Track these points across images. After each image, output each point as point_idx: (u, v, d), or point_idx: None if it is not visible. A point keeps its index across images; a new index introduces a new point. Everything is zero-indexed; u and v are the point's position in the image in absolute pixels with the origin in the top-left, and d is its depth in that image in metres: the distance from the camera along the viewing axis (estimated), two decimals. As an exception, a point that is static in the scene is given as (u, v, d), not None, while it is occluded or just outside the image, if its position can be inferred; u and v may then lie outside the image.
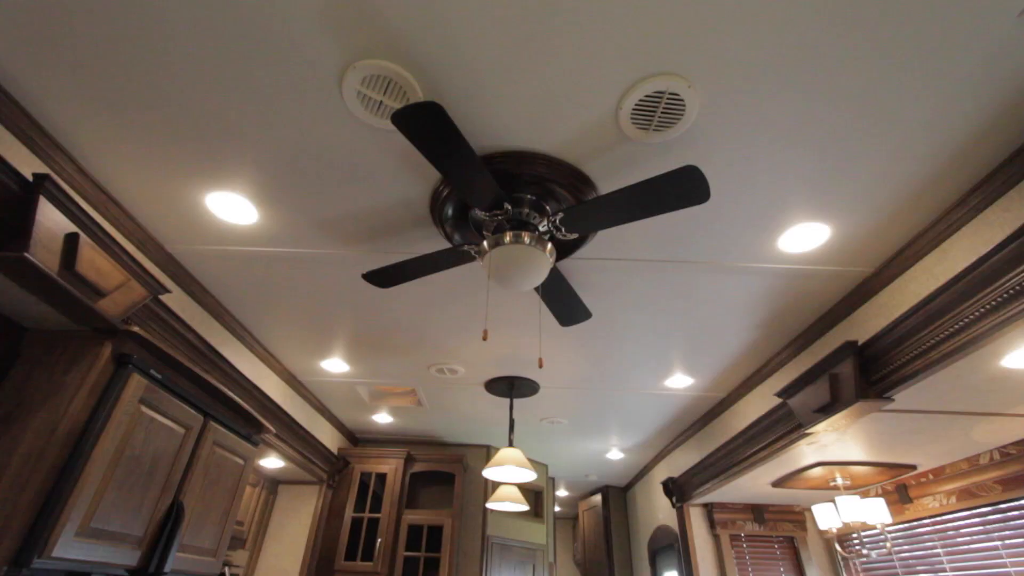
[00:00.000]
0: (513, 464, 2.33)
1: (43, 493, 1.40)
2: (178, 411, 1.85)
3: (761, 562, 3.63)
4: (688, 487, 3.72)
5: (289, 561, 3.43)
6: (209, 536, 2.08)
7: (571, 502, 6.97)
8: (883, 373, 1.86)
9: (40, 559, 1.35)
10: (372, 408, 3.68)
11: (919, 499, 2.89)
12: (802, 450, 2.56)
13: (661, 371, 2.88)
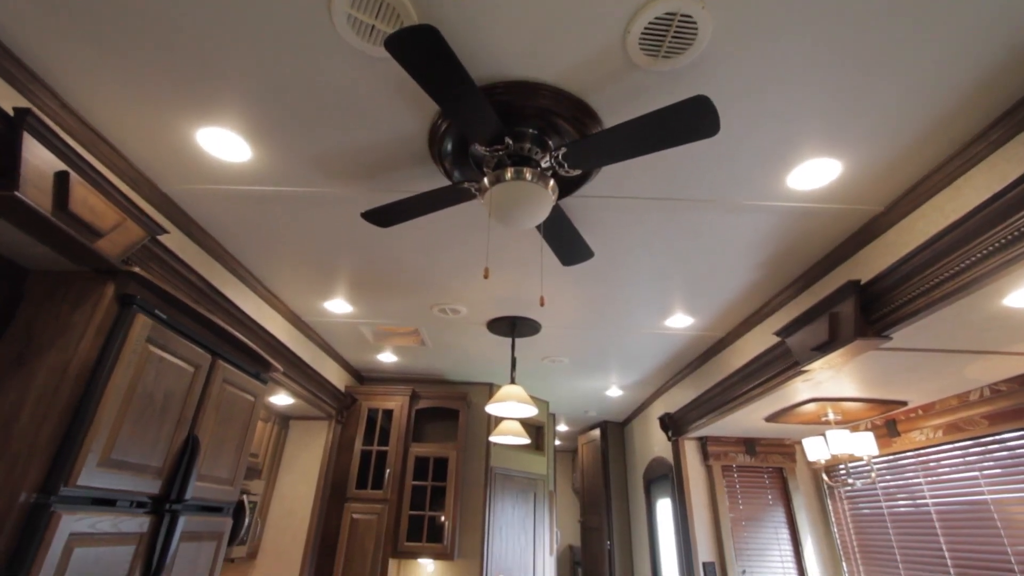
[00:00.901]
0: (515, 400, 2.40)
1: (62, 427, 1.45)
2: (186, 350, 1.89)
3: (750, 491, 3.82)
4: (684, 422, 3.86)
5: (304, 490, 3.62)
6: (225, 467, 2.18)
7: (571, 436, 7.27)
8: (883, 312, 1.86)
9: (67, 487, 1.42)
10: (376, 348, 3.76)
11: (907, 433, 3.00)
12: (797, 387, 2.63)
13: (662, 311, 2.91)
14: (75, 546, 1.44)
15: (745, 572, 3.57)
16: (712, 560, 3.61)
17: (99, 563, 1.52)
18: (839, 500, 3.65)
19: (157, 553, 1.75)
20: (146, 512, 1.72)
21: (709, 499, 3.79)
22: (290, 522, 3.52)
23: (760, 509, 3.77)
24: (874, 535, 3.28)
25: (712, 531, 3.69)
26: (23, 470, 1.37)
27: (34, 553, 1.33)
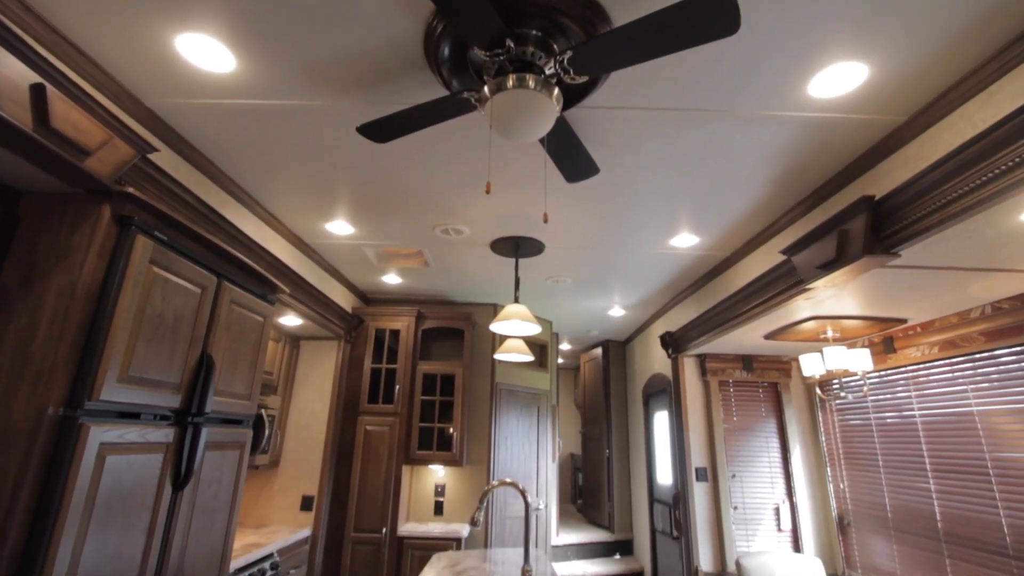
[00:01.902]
0: (518, 319, 2.44)
1: (78, 346, 1.49)
2: (190, 272, 1.89)
3: (745, 404, 3.99)
4: (684, 340, 3.95)
5: (318, 405, 3.81)
6: (241, 383, 2.27)
7: (573, 354, 7.51)
8: (894, 229, 1.82)
9: (91, 402, 1.49)
10: (381, 269, 3.77)
11: (903, 350, 3.06)
12: (798, 305, 2.65)
13: (667, 230, 2.87)
14: (107, 454, 1.53)
15: (735, 476, 3.82)
16: (704, 466, 3.86)
17: (131, 469, 1.63)
18: (829, 412, 3.81)
19: (184, 460, 1.87)
20: (170, 424, 1.81)
21: (705, 411, 3.97)
22: (307, 433, 3.74)
23: (753, 421, 3.96)
24: (859, 444, 3.47)
25: (706, 440, 3.91)
26: (47, 386, 1.43)
27: (70, 460, 1.42)
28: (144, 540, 1.69)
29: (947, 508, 2.74)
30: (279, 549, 3.03)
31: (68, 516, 1.40)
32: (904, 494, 3.05)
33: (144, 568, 1.69)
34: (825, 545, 3.70)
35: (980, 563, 2.53)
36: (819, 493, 3.80)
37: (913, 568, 2.96)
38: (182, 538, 1.89)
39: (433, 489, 4.17)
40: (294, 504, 3.59)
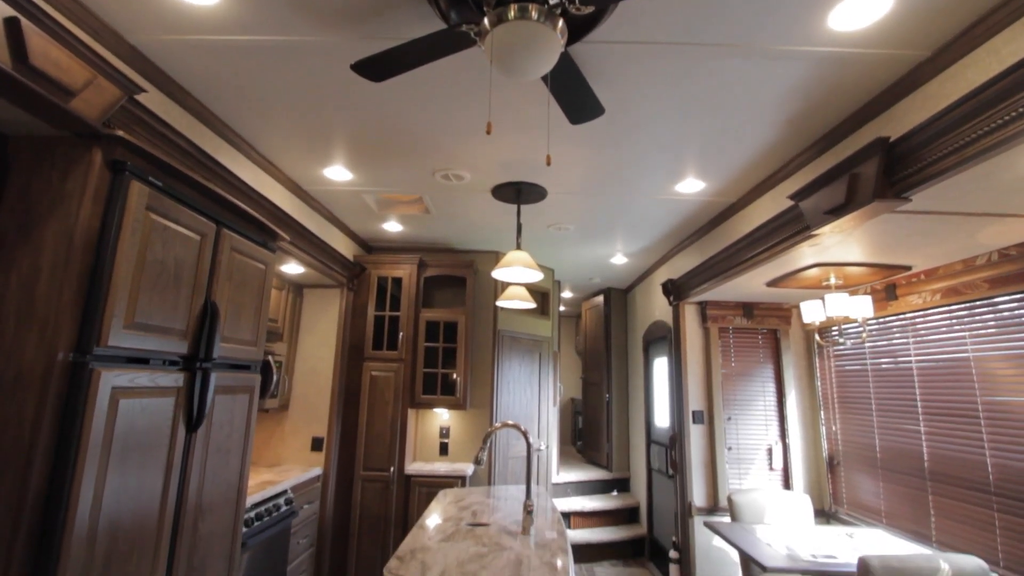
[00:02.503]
0: (520, 265, 2.43)
1: (81, 292, 1.49)
2: (189, 219, 1.87)
3: (743, 350, 4.05)
4: (686, 287, 3.96)
5: (324, 352, 3.88)
6: (247, 330, 2.30)
7: (575, 302, 7.56)
8: (907, 172, 1.77)
9: (99, 347, 1.51)
10: (381, 217, 3.73)
11: (904, 297, 3.06)
12: (803, 252, 2.62)
13: (673, 175, 2.80)
14: (120, 397, 1.57)
15: (730, 419, 3.94)
16: (701, 409, 3.96)
17: (145, 412, 1.68)
18: (826, 358, 3.87)
19: (196, 404, 1.92)
20: (179, 369, 1.85)
21: (704, 357, 4.04)
22: (314, 378, 3.83)
23: (751, 366, 4.03)
24: (854, 388, 3.54)
25: (704, 385, 4.00)
26: (54, 332, 1.44)
27: (84, 403, 1.45)
28: (162, 478, 1.77)
29: (935, 449, 2.83)
30: (292, 486, 3.18)
31: (87, 455, 1.45)
32: (894, 436, 3.14)
33: (164, 503, 1.78)
34: (814, 483, 3.86)
35: (961, 499, 2.65)
36: (811, 435, 3.93)
37: (897, 504, 3.10)
38: (199, 476, 1.97)
39: (438, 431, 4.32)
40: (305, 445, 3.73)
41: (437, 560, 1.90)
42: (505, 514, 2.63)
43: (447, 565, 1.85)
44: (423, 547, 2.05)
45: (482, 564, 1.87)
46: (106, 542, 1.53)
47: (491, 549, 2.05)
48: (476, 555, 1.97)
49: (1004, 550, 2.41)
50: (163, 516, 1.78)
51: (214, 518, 2.09)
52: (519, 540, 2.19)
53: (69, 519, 1.40)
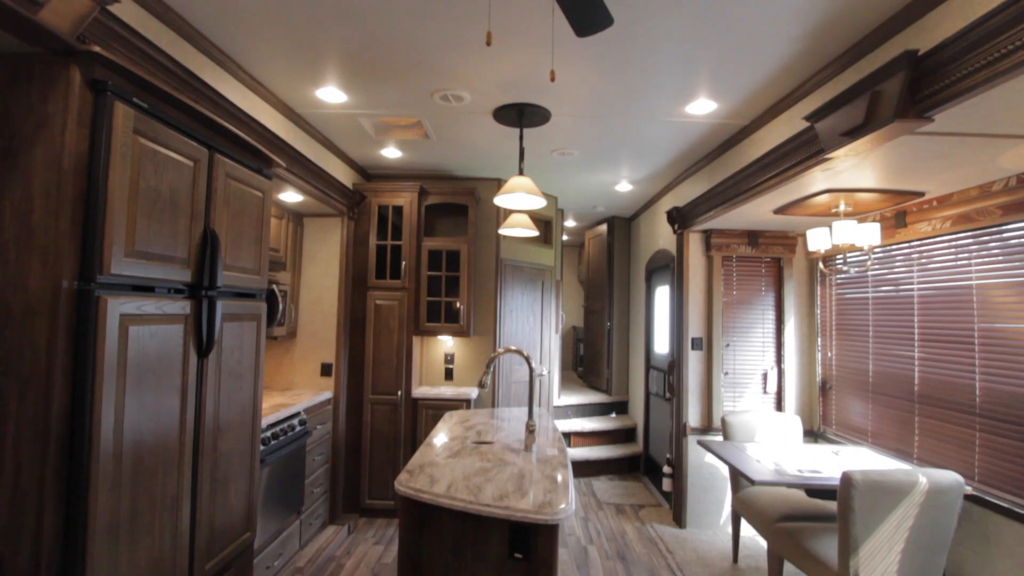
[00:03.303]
0: (523, 191, 2.37)
1: (78, 221, 1.47)
2: (179, 143, 1.81)
3: (746, 278, 4.06)
4: (691, 215, 3.89)
5: (328, 281, 3.90)
6: (248, 258, 2.30)
7: (578, 231, 7.49)
8: (933, 89, 1.67)
9: (103, 275, 1.52)
10: (379, 142, 3.60)
11: (914, 224, 3.01)
12: (814, 177, 2.54)
13: (684, 94, 2.66)
14: (129, 324, 1.60)
15: (728, 345, 4.03)
16: (701, 336, 4.04)
17: (155, 338, 1.72)
18: (828, 287, 3.88)
19: (205, 330, 1.96)
20: (185, 297, 1.87)
21: (706, 285, 4.05)
22: (320, 307, 3.89)
23: (752, 294, 4.06)
24: (853, 315, 3.58)
25: (704, 312, 4.05)
26: (56, 260, 1.44)
27: (94, 330, 1.48)
28: (179, 400, 1.84)
29: (926, 374, 2.91)
30: (305, 408, 3.32)
31: (104, 379, 1.50)
32: (887, 361, 3.22)
33: (183, 424, 1.87)
34: (805, 405, 4.01)
35: (946, 420, 2.76)
36: (807, 360, 4.03)
37: (883, 425, 3.24)
38: (214, 398, 2.06)
39: (443, 357, 4.44)
40: (314, 370, 3.86)
41: (444, 474, 2.02)
42: (508, 433, 2.77)
43: (454, 478, 1.97)
44: (431, 463, 2.18)
45: (487, 477, 1.99)
46: (132, 458, 1.62)
47: (495, 464, 2.17)
48: (481, 469, 2.09)
49: (981, 466, 2.54)
50: (183, 435, 1.87)
51: (232, 437, 2.20)
52: (522, 456, 2.31)
53: (94, 437, 1.48)
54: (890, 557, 2.24)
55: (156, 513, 1.75)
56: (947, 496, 2.20)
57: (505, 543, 1.80)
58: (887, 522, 2.22)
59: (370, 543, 3.59)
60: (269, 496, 2.81)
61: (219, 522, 2.12)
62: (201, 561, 2.00)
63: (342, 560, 3.34)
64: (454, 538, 1.87)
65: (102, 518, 1.51)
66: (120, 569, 1.59)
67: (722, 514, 3.97)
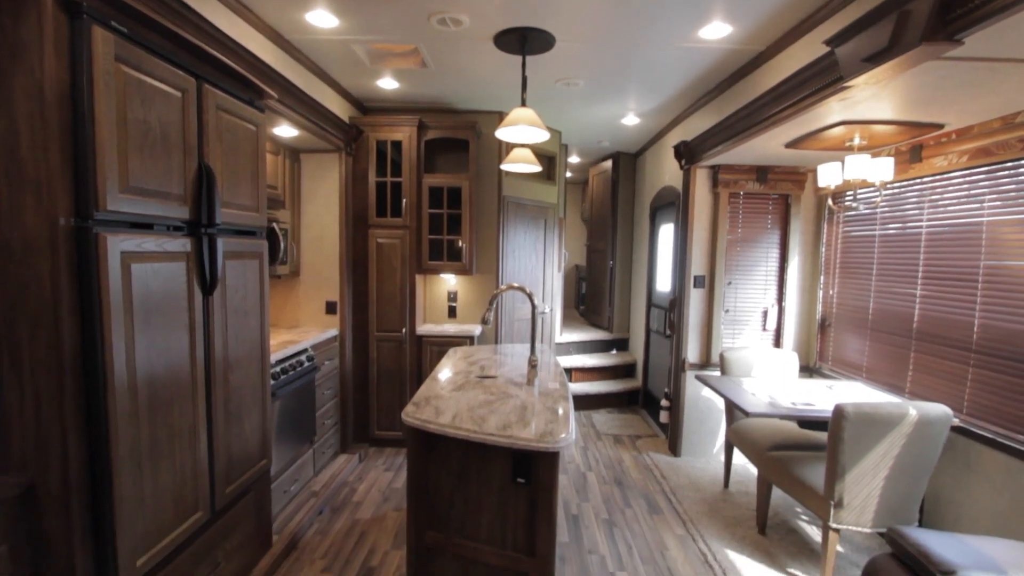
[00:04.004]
0: (526, 123, 2.28)
1: (67, 155, 1.43)
2: (165, 72, 1.72)
3: (752, 215, 3.99)
4: (699, 150, 3.77)
5: (328, 219, 3.86)
6: (246, 195, 2.26)
7: (582, 167, 7.31)
8: (966, 8, 1.55)
9: (99, 212, 1.50)
10: (375, 72, 3.44)
11: (929, 159, 2.91)
12: (830, 108, 2.43)
13: (697, 17, 2.49)
14: (130, 262, 1.60)
15: (731, 283, 4.03)
16: (703, 274, 4.04)
17: (158, 276, 1.72)
18: (835, 224, 3.83)
19: (207, 268, 1.96)
20: (184, 235, 1.85)
21: (711, 223, 4.00)
22: (321, 245, 3.87)
23: (757, 232, 4.01)
24: (858, 254, 3.55)
25: (708, 250, 4.02)
26: (50, 196, 1.41)
27: (96, 267, 1.48)
28: (187, 337, 1.88)
29: (926, 311, 2.93)
30: (312, 345, 3.39)
31: (112, 316, 1.52)
32: (889, 299, 3.23)
33: (194, 360, 1.91)
34: (803, 342, 4.08)
35: (940, 356, 2.80)
36: (808, 298, 4.04)
37: (879, 361, 3.30)
38: (222, 335, 2.09)
39: (446, 295, 4.48)
40: (319, 308, 3.91)
41: (449, 406, 2.09)
42: (511, 368, 2.84)
43: (459, 410, 2.04)
44: (436, 395, 2.25)
45: (490, 409, 2.06)
46: (147, 392, 1.68)
47: (498, 397, 2.24)
48: (485, 402, 2.17)
49: (970, 400, 2.61)
50: (195, 371, 1.92)
51: (242, 372, 2.26)
52: (524, 389, 2.38)
53: (108, 372, 1.52)
54: (874, 483, 2.35)
55: (175, 442, 1.83)
56: (934, 427, 2.28)
57: (508, 469, 1.89)
58: (874, 451, 2.31)
59: (380, 470, 3.79)
60: (282, 427, 2.94)
61: (236, 450, 2.23)
62: (221, 485, 2.13)
63: (355, 485, 3.54)
64: (459, 465, 1.97)
65: (123, 446, 1.58)
66: (145, 492, 1.69)
67: (715, 444, 4.15)
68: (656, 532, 3.02)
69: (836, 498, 2.37)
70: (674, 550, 2.84)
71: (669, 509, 3.31)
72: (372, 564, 2.64)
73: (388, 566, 2.62)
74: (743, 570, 2.64)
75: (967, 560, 1.57)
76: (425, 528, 2.04)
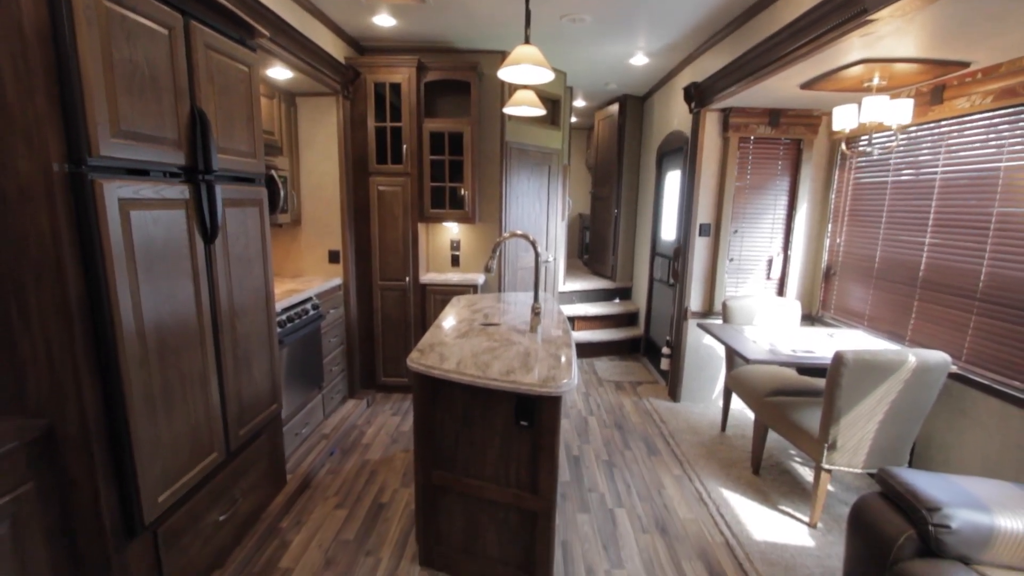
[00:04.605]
0: (529, 63, 2.17)
1: (54, 97, 1.38)
2: (148, 7, 1.64)
3: (762, 161, 3.88)
4: (710, 92, 3.62)
5: (328, 166, 3.78)
6: (242, 140, 2.20)
7: (588, 112, 7.07)
8: (1008, -69, 1.43)
9: (92, 157, 1.46)
10: (369, 8, 3.26)
11: (951, 100, 2.78)
12: (850, 44, 2.30)
13: (714, -55, 2.32)
14: (129, 209, 1.58)
15: (736, 231, 3.98)
16: (709, 222, 3.98)
17: (158, 223, 1.70)
18: (847, 171, 3.73)
19: (207, 216, 1.94)
20: (182, 181, 1.82)
21: (719, 168, 3.90)
22: (322, 194, 3.82)
23: (766, 179, 3.91)
24: (868, 201, 3.48)
25: (715, 198, 3.94)
26: (41, 141, 1.38)
27: (95, 214, 1.46)
28: (192, 285, 1.88)
29: (933, 259, 2.90)
30: (317, 294, 3.42)
31: (115, 264, 1.52)
32: (896, 247, 3.19)
33: (200, 307, 1.93)
34: (807, 291, 4.07)
35: (944, 304, 2.80)
36: (814, 246, 4.00)
37: (881, 309, 3.30)
38: (226, 283, 2.10)
39: (449, 244, 4.46)
40: (322, 257, 3.90)
41: (454, 352, 2.13)
42: (514, 316, 2.86)
43: (463, 356, 2.08)
44: (441, 342, 2.28)
45: (494, 355, 2.09)
46: (155, 339, 1.70)
47: (502, 344, 2.27)
48: (488, 348, 2.20)
49: (970, 347, 2.63)
50: (201, 318, 1.94)
51: (249, 320, 2.29)
52: (527, 337, 2.41)
53: (115, 319, 1.53)
54: (868, 426, 2.42)
55: (187, 387, 1.88)
56: (932, 374, 2.31)
57: (512, 413, 1.95)
58: (871, 396, 2.36)
59: (388, 414, 3.91)
60: (291, 373, 3.01)
61: (246, 395, 2.29)
62: (235, 428, 2.20)
63: (363, 428, 3.66)
64: (464, 409, 2.02)
65: (137, 391, 1.62)
66: (161, 434, 1.75)
67: (714, 390, 4.24)
68: (654, 472, 3.15)
69: (830, 441, 2.44)
70: (670, 488, 2.96)
71: (667, 451, 3.43)
72: (383, 501, 2.77)
73: (398, 503, 2.75)
74: (736, 507, 2.76)
75: (953, 498, 1.63)
76: (432, 468, 2.12)
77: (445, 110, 4.20)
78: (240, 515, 2.30)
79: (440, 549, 2.21)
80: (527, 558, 2.07)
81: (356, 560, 2.30)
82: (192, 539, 1.96)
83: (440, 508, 2.17)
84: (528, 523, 2.03)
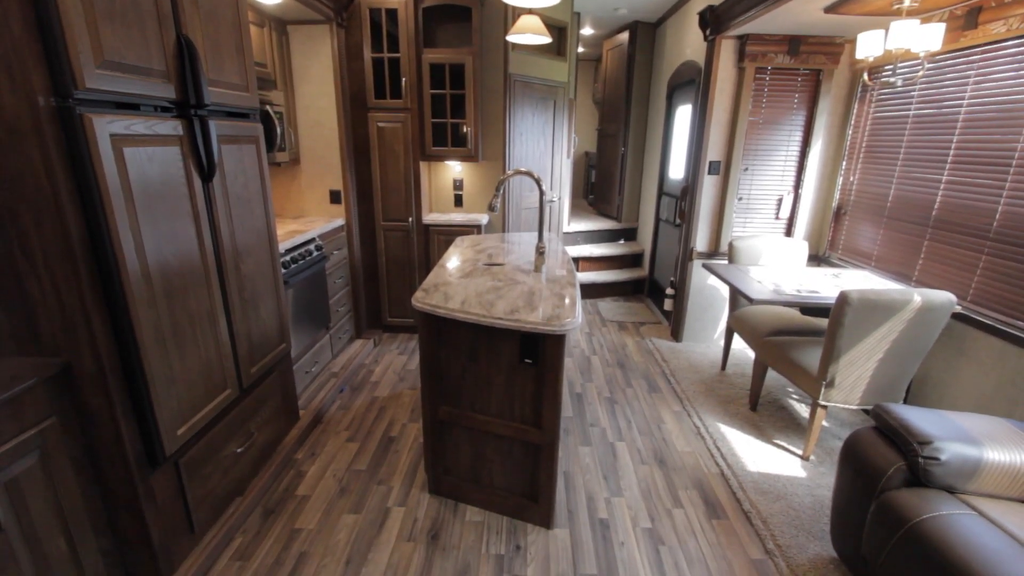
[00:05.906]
0: (535, -16, 2.03)
1: (30, 25, 1.30)
2: (121, -81, 1.50)
3: (778, 94, 3.70)
4: (727, 16, 3.39)
5: (325, 101, 3.64)
6: (233, 72, 2.10)
7: (596, 41, 6.69)
8: None
9: (78, 90, 1.40)
10: (362, -77, 3.00)
11: (986, 24, 2.60)
12: (884, -38, 2.12)
13: None
14: (122, 145, 1.53)
15: (747, 169, 3.87)
16: (719, 160, 3.86)
17: (153, 161, 1.66)
18: (867, 104, 3.56)
19: (203, 153, 1.89)
20: (174, 116, 1.76)
21: (733, 102, 3.73)
22: (320, 131, 3.70)
23: (781, 113, 3.75)
24: (887, 136, 3.34)
25: (726, 133, 3.80)
26: (23, 73, 1.31)
27: (87, 150, 1.42)
28: (193, 226, 1.86)
29: (948, 198, 2.82)
30: (320, 235, 3.39)
31: (113, 202, 1.49)
32: (911, 185, 3.10)
33: (203, 248, 1.92)
34: (815, 231, 4.01)
35: (955, 244, 2.76)
36: (826, 185, 3.90)
37: (890, 249, 3.26)
38: (227, 223, 2.08)
39: (452, 183, 4.37)
40: (324, 198, 3.84)
41: (458, 292, 2.13)
42: (519, 256, 2.85)
43: (467, 295, 2.08)
44: (445, 282, 2.28)
45: (498, 295, 2.10)
46: (161, 280, 1.71)
47: (506, 283, 2.28)
48: (493, 288, 2.20)
49: (977, 287, 2.62)
50: (205, 259, 1.94)
51: (252, 260, 2.28)
52: (532, 276, 2.41)
53: (120, 260, 1.53)
54: (867, 365, 2.45)
55: (196, 327, 1.91)
56: (935, 313, 2.32)
57: (516, 351, 1.98)
58: (873, 336, 2.38)
59: (395, 353, 4.00)
60: (298, 314, 3.05)
61: (255, 334, 2.33)
62: (246, 366, 2.26)
63: (371, 367, 3.76)
64: (469, 347, 2.06)
65: (147, 329, 1.65)
66: (175, 371, 1.79)
67: (717, 331, 4.29)
68: (654, 408, 3.25)
69: (828, 379, 2.49)
70: (670, 423, 3.07)
71: (668, 388, 3.52)
72: (392, 434, 2.89)
73: (407, 436, 2.87)
74: (732, 441, 2.87)
75: (944, 432, 1.67)
76: (439, 403, 2.19)
77: (445, 40, 3.98)
78: (257, 447, 2.41)
79: (448, 479, 2.33)
80: (531, 487, 2.17)
81: (369, 488, 2.43)
82: (212, 469, 2.07)
83: (447, 441, 2.26)
84: (532, 455, 2.12)
